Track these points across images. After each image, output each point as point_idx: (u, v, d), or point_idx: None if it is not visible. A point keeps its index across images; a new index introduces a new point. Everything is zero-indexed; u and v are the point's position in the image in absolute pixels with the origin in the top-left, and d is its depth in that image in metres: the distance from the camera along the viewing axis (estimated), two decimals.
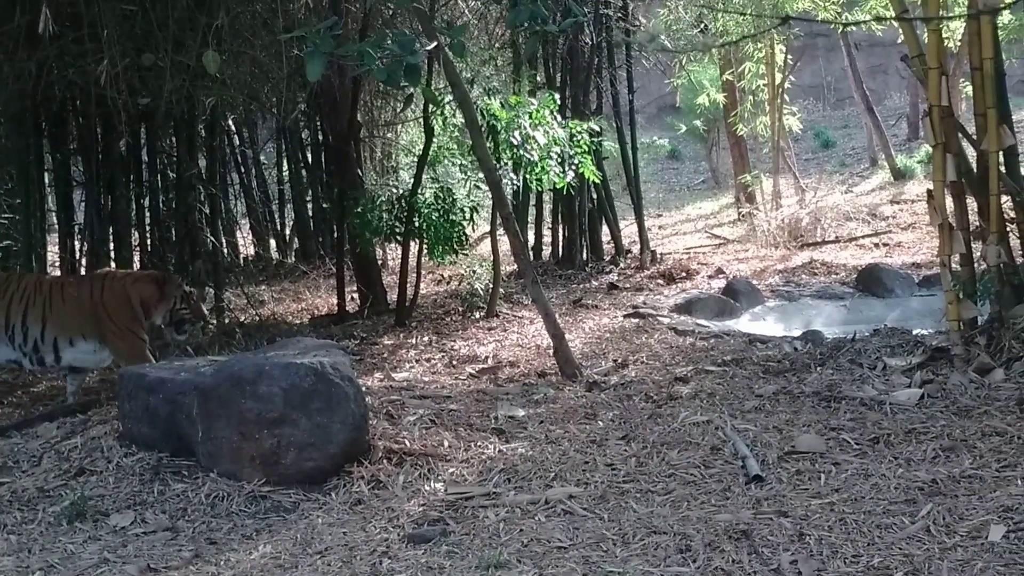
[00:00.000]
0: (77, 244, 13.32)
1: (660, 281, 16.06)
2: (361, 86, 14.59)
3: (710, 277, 16.35)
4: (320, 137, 16.48)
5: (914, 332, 10.27)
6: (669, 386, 9.08)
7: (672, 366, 10.04)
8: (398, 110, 17.77)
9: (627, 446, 7.32)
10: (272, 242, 20.31)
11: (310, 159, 18.22)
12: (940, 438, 6.94)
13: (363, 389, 7.81)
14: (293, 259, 19.43)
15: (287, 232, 20.71)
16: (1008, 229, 9.08)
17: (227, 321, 12.89)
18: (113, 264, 12.64)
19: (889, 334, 10.19)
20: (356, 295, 14.53)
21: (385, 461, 7.16)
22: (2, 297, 9.85)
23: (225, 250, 14.89)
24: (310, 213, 18.99)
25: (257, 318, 13.99)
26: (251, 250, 20.10)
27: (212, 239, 13.32)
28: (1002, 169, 8.81)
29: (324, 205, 16.41)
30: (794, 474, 6.56)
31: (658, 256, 18.10)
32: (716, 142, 33.19)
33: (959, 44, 21.42)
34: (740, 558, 5.29)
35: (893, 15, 10.09)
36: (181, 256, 12.83)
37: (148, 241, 12.88)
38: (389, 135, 19.16)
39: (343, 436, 7.03)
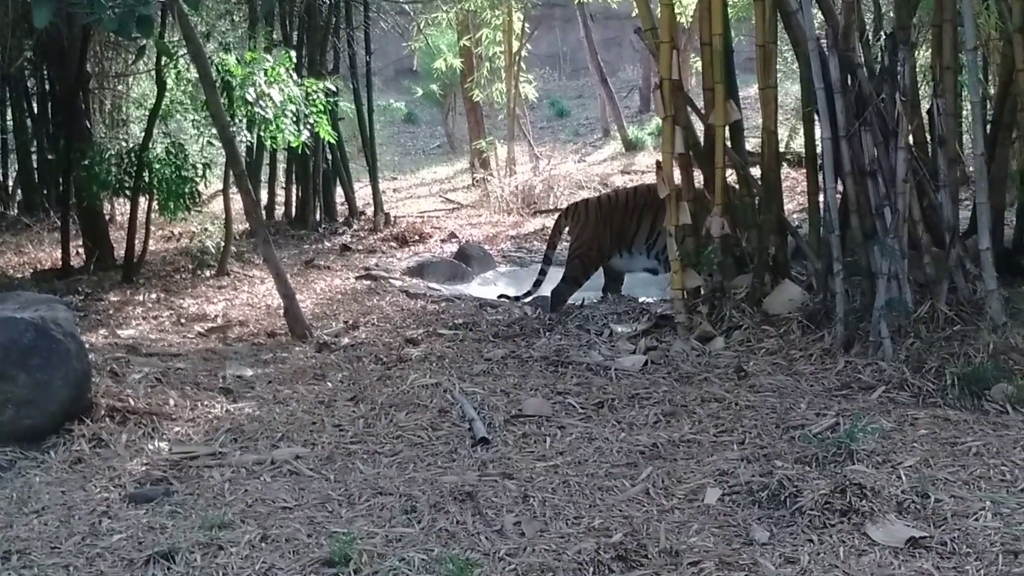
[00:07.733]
0: None
1: (393, 244, 16.09)
2: (91, 36, 14.16)
3: (443, 241, 16.46)
4: (47, 87, 15.92)
5: (640, 300, 10.55)
6: (399, 348, 9.15)
7: (403, 329, 10.10)
8: (130, 62, 17.30)
9: (355, 407, 7.35)
10: None
11: (36, 109, 17.61)
12: (662, 403, 7.16)
13: (87, 346, 7.63)
14: (16, 211, 18.74)
15: (10, 184, 19.99)
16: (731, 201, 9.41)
17: None
18: None
19: (616, 301, 10.47)
20: (82, 250, 14.11)
21: (108, 420, 7.02)
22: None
23: None
24: (35, 165, 18.36)
25: None
26: None
27: None
28: (728, 143, 9.12)
29: (50, 157, 15.87)
30: (520, 437, 6.68)
31: (392, 219, 18.06)
32: (452, 107, 33.18)
33: (691, 20, 21.92)
34: (465, 519, 5.36)
35: None
36: None
37: None
38: (120, 87, 18.62)
39: (64, 394, 6.86)
